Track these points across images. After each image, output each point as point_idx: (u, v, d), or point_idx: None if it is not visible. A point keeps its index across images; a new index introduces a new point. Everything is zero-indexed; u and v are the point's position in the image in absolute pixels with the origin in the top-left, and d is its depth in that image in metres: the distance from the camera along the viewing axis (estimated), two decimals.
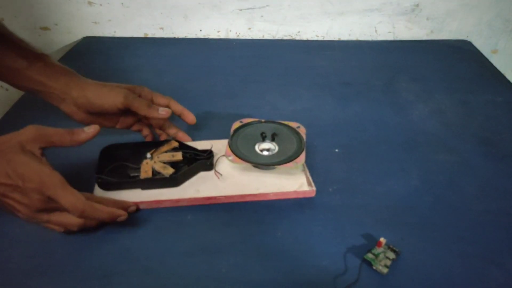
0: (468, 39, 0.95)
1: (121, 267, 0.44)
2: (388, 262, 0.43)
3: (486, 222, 0.49)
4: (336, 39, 0.95)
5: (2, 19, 0.89)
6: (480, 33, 0.94)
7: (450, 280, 0.43)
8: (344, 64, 0.85)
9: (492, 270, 0.44)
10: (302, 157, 0.51)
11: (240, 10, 0.90)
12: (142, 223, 0.48)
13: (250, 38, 0.94)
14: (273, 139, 0.55)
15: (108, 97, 0.52)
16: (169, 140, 0.56)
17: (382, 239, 0.44)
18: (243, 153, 0.52)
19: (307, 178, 0.53)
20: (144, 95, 0.56)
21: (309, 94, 0.74)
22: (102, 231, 0.47)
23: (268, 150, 0.54)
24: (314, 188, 0.51)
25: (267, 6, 0.90)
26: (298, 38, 0.95)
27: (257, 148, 0.54)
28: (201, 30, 0.94)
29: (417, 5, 0.90)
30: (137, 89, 0.55)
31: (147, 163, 0.52)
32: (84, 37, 0.93)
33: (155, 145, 0.55)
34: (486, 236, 0.48)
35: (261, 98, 0.73)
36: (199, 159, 0.53)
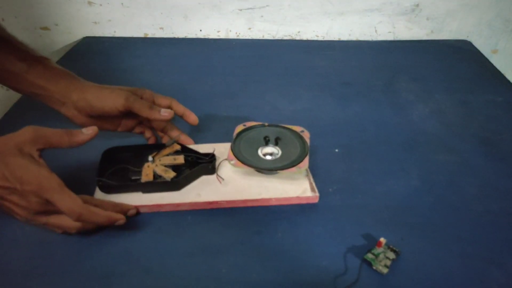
0: (468, 39, 0.95)
1: (121, 268, 0.44)
2: (388, 262, 0.43)
3: (486, 222, 0.49)
4: (336, 39, 0.95)
5: (2, 19, 0.89)
6: (480, 33, 0.94)
7: (450, 280, 0.43)
8: (344, 64, 0.84)
9: (492, 270, 0.44)
10: (306, 162, 0.50)
11: (240, 10, 0.90)
12: (142, 224, 0.48)
13: (250, 38, 0.94)
14: (276, 143, 0.54)
15: (109, 99, 0.51)
16: (171, 143, 0.55)
17: (382, 239, 0.44)
18: (245, 157, 0.52)
19: (311, 183, 0.52)
20: (146, 97, 0.55)
21: (309, 94, 0.74)
22: (102, 232, 0.47)
23: (271, 154, 0.53)
24: (317, 194, 0.51)
25: (267, 6, 0.90)
26: (298, 38, 0.95)
27: (260, 152, 0.53)
28: (201, 30, 0.93)
29: (417, 5, 0.90)
30: (138, 91, 0.55)
31: (148, 166, 0.51)
32: (84, 37, 0.93)
33: (157, 148, 0.55)
34: (486, 236, 0.48)
35: (261, 98, 0.73)
36: (201, 162, 0.52)
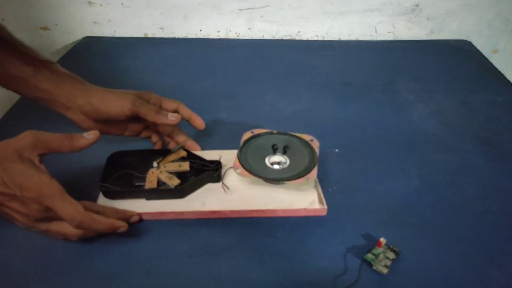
0: (468, 39, 0.95)
1: (121, 268, 0.44)
2: (388, 262, 0.43)
3: (487, 222, 0.49)
4: (336, 39, 0.95)
5: (2, 19, 0.89)
6: (480, 33, 0.94)
7: (450, 280, 0.43)
8: (344, 64, 0.84)
9: (492, 270, 0.44)
10: (314, 172, 0.49)
11: (240, 10, 0.90)
12: (143, 225, 0.48)
13: (250, 38, 0.94)
14: (284, 151, 0.53)
15: (115, 103, 0.51)
16: (177, 149, 0.54)
17: (382, 239, 0.44)
18: (252, 166, 0.51)
19: (319, 194, 0.50)
20: (153, 101, 0.54)
21: (309, 94, 0.74)
22: (104, 238, 0.46)
23: (278, 163, 0.52)
24: (326, 207, 0.49)
25: (267, 6, 0.90)
26: (298, 38, 0.95)
27: (267, 161, 0.52)
28: (201, 30, 0.93)
29: (417, 5, 0.90)
30: (144, 94, 0.54)
31: (153, 173, 0.51)
32: (84, 37, 0.93)
33: (163, 153, 0.54)
34: (486, 237, 0.48)
35: (261, 98, 0.73)
36: (207, 170, 0.52)
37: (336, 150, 0.59)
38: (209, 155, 0.54)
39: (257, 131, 0.56)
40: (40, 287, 0.42)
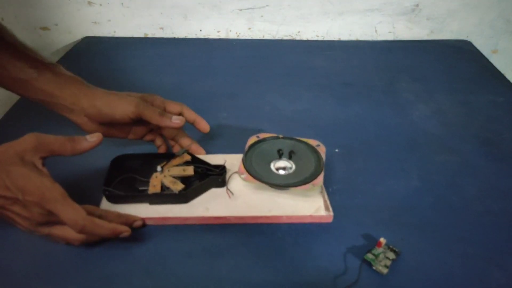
0: (468, 39, 0.95)
1: (122, 269, 0.44)
2: (388, 263, 0.43)
3: (487, 222, 0.49)
4: (336, 39, 0.95)
5: (2, 19, 0.89)
6: (480, 33, 0.94)
7: (450, 280, 0.43)
8: (344, 64, 0.84)
9: (492, 271, 0.44)
10: (320, 179, 0.48)
11: (240, 10, 0.90)
12: (145, 229, 0.48)
13: (250, 38, 0.94)
14: (290, 157, 0.52)
15: (119, 106, 0.50)
16: (181, 153, 0.53)
17: (382, 239, 0.44)
18: (257, 171, 0.50)
19: (325, 201, 0.50)
20: (157, 103, 0.53)
21: (309, 94, 0.74)
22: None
23: (284, 168, 0.51)
24: (332, 213, 0.48)
25: (267, 6, 0.90)
26: (298, 38, 0.95)
27: (272, 166, 0.52)
28: (201, 30, 0.93)
29: (417, 5, 0.90)
30: (149, 97, 0.53)
31: (156, 177, 0.50)
32: (84, 37, 0.93)
33: (167, 157, 0.53)
34: (487, 237, 0.48)
35: (261, 98, 0.73)
36: (211, 174, 0.51)
37: (336, 150, 0.59)
38: (213, 159, 0.54)
39: (262, 135, 0.55)
40: (40, 286, 0.42)
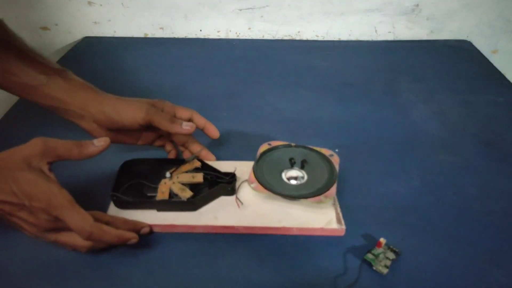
0: (468, 39, 0.95)
1: (122, 269, 0.44)
2: (388, 263, 0.43)
3: (488, 223, 0.49)
4: (336, 39, 0.95)
5: (2, 19, 0.89)
6: (480, 33, 0.94)
7: (450, 281, 0.43)
8: (344, 64, 0.84)
9: (493, 271, 0.44)
10: (333, 190, 0.47)
11: (240, 10, 0.90)
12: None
13: (250, 38, 0.94)
14: (302, 166, 0.51)
15: (129, 112, 0.49)
16: (191, 159, 0.52)
17: (382, 240, 0.44)
18: (268, 180, 0.49)
19: (337, 213, 0.48)
20: (167, 109, 0.52)
21: (309, 94, 0.74)
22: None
23: (296, 178, 0.50)
24: (344, 227, 0.47)
25: (267, 6, 0.90)
26: (298, 38, 0.95)
27: (284, 175, 0.50)
28: (201, 30, 0.93)
29: (417, 5, 0.90)
30: (158, 103, 0.52)
31: (165, 183, 0.49)
32: (84, 37, 0.93)
33: (176, 163, 0.52)
34: (487, 237, 0.48)
35: (261, 98, 0.73)
36: (221, 182, 0.50)
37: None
38: (223, 166, 0.52)
39: (274, 143, 0.54)
40: (40, 286, 0.42)
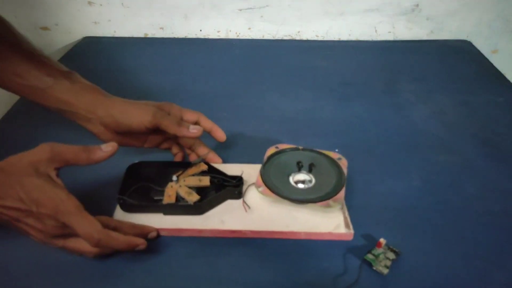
0: (468, 39, 0.95)
1: (122, 268, 0.44)
2: (388, 263, 0.43)
3: (488, 223, 0.49)
4: (336, 39, 0.95)
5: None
6: (480, 33, 0.94)
7: (451, 281, 0.43)
8: (344, 64, 0.84)
9: (493, 271, 0.44)
10: (341, 194, 0.47)
11: (240, 10, 0.90)
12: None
13: (250, 38, 0.94)
14: (310, 170, 0.51)
15: (136, 116, 0.49)
16: (198, 162, 0.52)
17: (382, 240, 0.44)
18: (275, 184, 0.49)
19: (345, 218, 0.48)
20: (174, 112, 0.52)
21: (309, 94, 0.74)
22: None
23: (303, 182, 0.50)
24: (352, 231, 0.46)
25: (267, 6, 0.90)
26: (298, 38, 0.95)
27: (291, 179, 0.50)
28: (201, 30, 0.93)
29: (417, 5, 0.90)
30: (165, 106, 0.52)
31: (171, 187, 0.49)
32: (84, 37, 0.93)
33: (183, 166, 0.52)
34: (487, 237, 0.48)
35: (261, 98, 0.73)
36: (228, 186, 0.50)
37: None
38: (230, 169, 0.52)
39: (282, 146, 0.54)
40: (40, 286, 0.42)
